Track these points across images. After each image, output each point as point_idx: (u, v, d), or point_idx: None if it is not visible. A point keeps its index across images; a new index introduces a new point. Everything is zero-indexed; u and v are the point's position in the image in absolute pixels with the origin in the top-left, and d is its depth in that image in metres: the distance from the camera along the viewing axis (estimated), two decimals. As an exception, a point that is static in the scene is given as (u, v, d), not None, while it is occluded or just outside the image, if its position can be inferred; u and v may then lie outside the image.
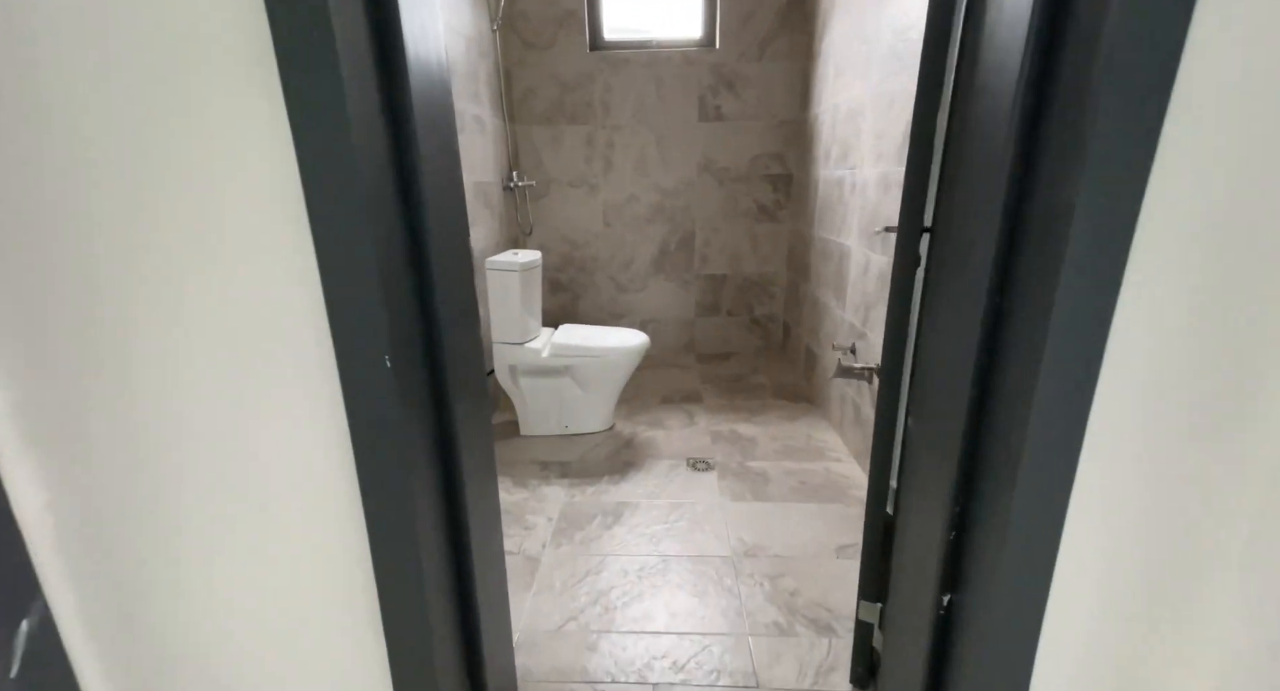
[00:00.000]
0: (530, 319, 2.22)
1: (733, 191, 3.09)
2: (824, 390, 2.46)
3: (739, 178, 3.07)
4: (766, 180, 3.07)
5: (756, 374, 3.01)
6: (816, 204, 2.58)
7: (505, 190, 2.73)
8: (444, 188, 0.82)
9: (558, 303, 3.32)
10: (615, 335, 2.28)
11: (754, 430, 2.32)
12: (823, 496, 1.81)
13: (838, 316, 2.26)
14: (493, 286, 2.11)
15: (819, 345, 2.53)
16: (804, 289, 2.79)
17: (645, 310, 3.32)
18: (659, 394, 2.76)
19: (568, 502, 1.82)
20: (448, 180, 0.85)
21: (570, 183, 3.10)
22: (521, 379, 2.25)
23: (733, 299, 3.29)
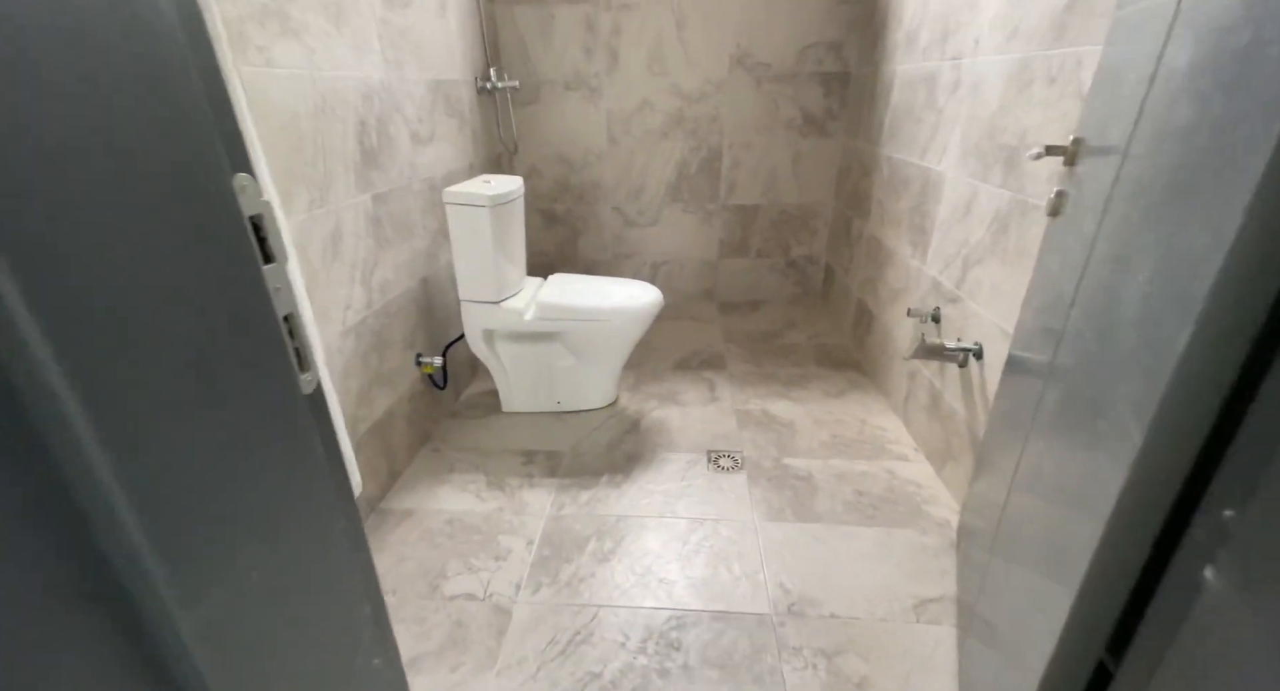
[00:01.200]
0: (508, 268, 1.71)
1: (772, 95, 2.43)
2: (880, 359, 1.96)
3: (781, 76, 2.39)
4: (817, 80, 2.39)
5: (792, 330, 2.51)
6: (888, 112, 1.94)
7: (480, 93, 2.12)
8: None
9: (552, 240, 2.78)
10: (620, 290, 1.77)
11: (792, 410, 1.86)
12: (889, 516, 1.38)
13: (912, 269, 1.71)
14: (455, 226, 1.58)
15: (877, 302, 2.00)
16: (859, 227, 2.21)
17: (658, 249, 2.77)
18: (673, 355, 2.29)
19: (554, 516, 1.40)
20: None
21: (566, 84, 2.45)
22: (500, 345, 1.78)
23: (764, 236, 2.72)
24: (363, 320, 1.37)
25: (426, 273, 1.71)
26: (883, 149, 1.98)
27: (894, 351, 1.84)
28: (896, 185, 1.85)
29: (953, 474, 1.44)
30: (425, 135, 1.68)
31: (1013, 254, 1.21)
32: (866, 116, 2.15)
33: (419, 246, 1.65)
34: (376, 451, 1.44)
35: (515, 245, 1.75)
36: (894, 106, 1.88)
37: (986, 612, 0.94)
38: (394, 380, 1.52)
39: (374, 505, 1.43)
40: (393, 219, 1.50)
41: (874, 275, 2.04)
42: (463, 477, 1.55)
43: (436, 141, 1.76)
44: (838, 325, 2.48)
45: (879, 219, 2.01)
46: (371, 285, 1.41)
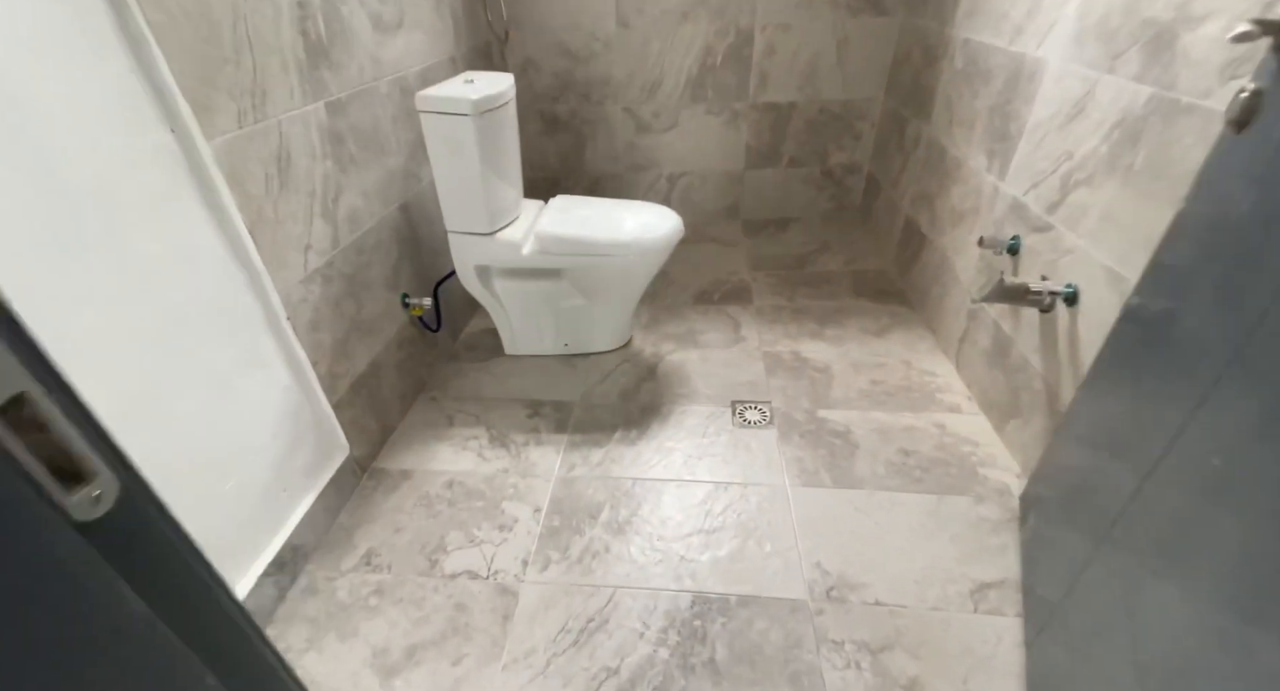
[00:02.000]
0: (502, 191, 1.44)
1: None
2: (931, 290, 1.72)
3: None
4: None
5: (826, 253, 2.23)
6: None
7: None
8: None
9: (554, 150, 2.44)
10: (633, 217, 1.51)
11: (826, 351, 1.66)
12: (939, 480, 1.22)
13: (985, 186, 1.42)
14: (434, 141, 1.30)
15: (933, 223, 1.72)
16: (916, 130, 1.86)
17: (675, 158, 2.43)
18: (692, 286, 2.05)
19: (563, 478, 1.27)
20: None
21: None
22: (497, 282, 1.56)
23: (799, 141, 2.35)
24: (329, 261, 1.15)
25: (406, 197, 1.46)
26: (957, 30, 1.59)
27: (948, 283, 1.59)
28: (973, 77, 1.49)
29: (1016, 433, 1.26)
30: (391, 20, 1.35)
31: (1142, 173, 0.93)
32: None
33: (394, 165, 1.39)
34: (364, 408, 1.29)
35: (509, 161, 1.47)
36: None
37: (1079, 614, 0.79)
38: (377, 327, 1.33)
39: (367, 465, 1.31)
40: (357, 133, 1.23)
41: (931, 190, 1.73)
42: (463, 432, 1.41)
43: (406, 29, 1.42)
44: (879, 247, 2.20)
45: (944, 120, 1.66)
46: (337, 218, 1.17)
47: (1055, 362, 1.13)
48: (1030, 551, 1.02)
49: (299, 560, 1.07)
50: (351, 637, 0.96)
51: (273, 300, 1.00)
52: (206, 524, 0.88)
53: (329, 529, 1.16)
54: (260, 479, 0.98)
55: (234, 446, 0.93)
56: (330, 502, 1.17)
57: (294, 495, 1.07)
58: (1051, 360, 1.14)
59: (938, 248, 1.69)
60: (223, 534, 0.92)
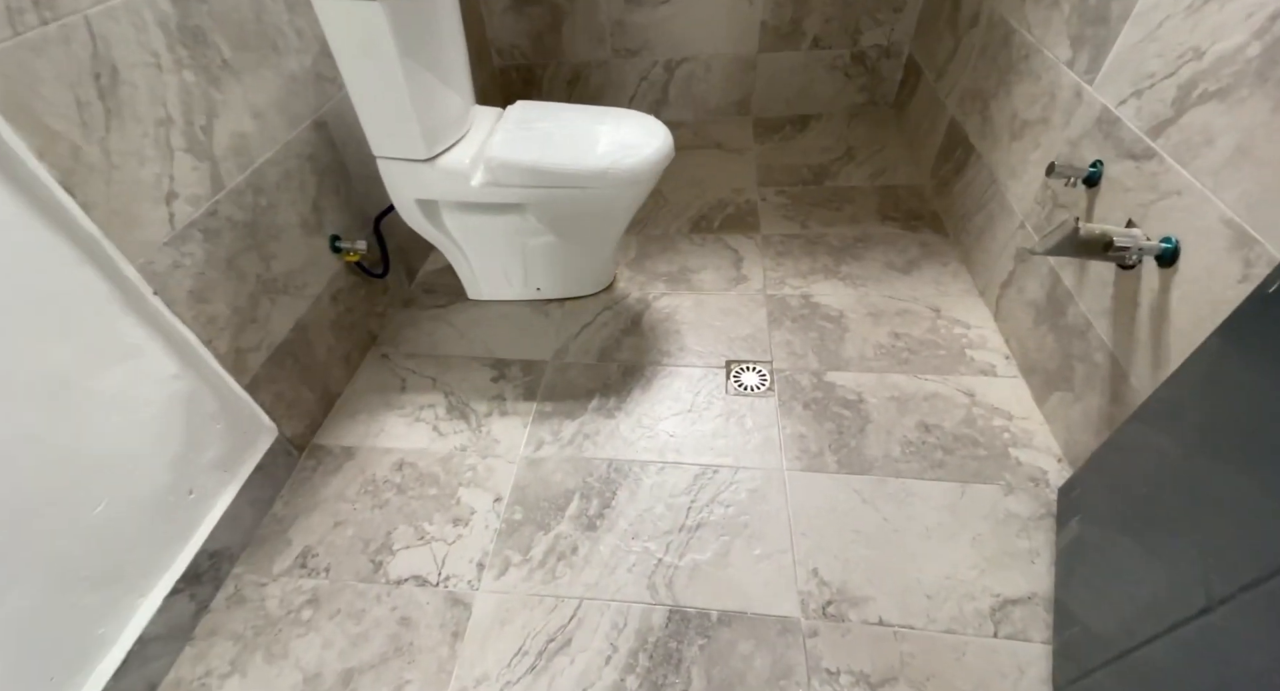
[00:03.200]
0: (442, 97, 1.13)
1: None
2: (974, 217, 1.42)
3: None
4: None
5: (850, 162, 1.89)
6: None
7: None
8: None
9: (523, 29, 2.00)
10: (610, 133, 1.20)
11: (841, 294, 1.41)
12: (963, 463, 1.05)
13: (1065, 86, 1.07)
14: (334, 34, 0.98)
15: (986, 130, 1.37)
16: (974, 4, 1.44)
17: (673, 40, 1.99)
18: (689, 208, 1.76)
19: (529, 459, 1.11)
20: None
21: None
22: (448, 218, 1.30)
23: (826, 14, 1.90)
24: (211, 210, 0.90)
25: (322, 110, 1.15)
26: None
27: (996, 211, 1.30)
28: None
29: (1062, 408, 1.06)
30: None
31: (1328, 86, 0.63)
32: None
33: (297, 68, 1.07)
34: (292, 379, 1.10)
35: (449, 57, 1.14)
36: None
37: (1139, 665, 0.65)
38: (299, 282, 1.11)
39: (305, 442, 1.16)
40: (228, 25, 0.91)
41: (987, 86, 1.37)
42: (418, 400, 1.24)
43: None
44: (914, 156, 1.84)
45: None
46: (214, 150, 0.90)
47: (1129, 333, 0.90)
48: (1069, 562, 0.87)
49: (222, 565, 0.95)
50: (281, 659, 0.86)
51: (125, 272, 0.77)
52: (80, 558, 0.74)
53: (260, 523, 1.03)
54: (150, 488, 0.83)
55: (97, 462, 0.76)
56: (259, 493, 1.03)
57: (205, 496, 0.92)
58: (1124, 329, 0.91)
59: (987, 164, 1.37)
60: (110, 561, 0.78)
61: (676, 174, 1.91)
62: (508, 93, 2.18)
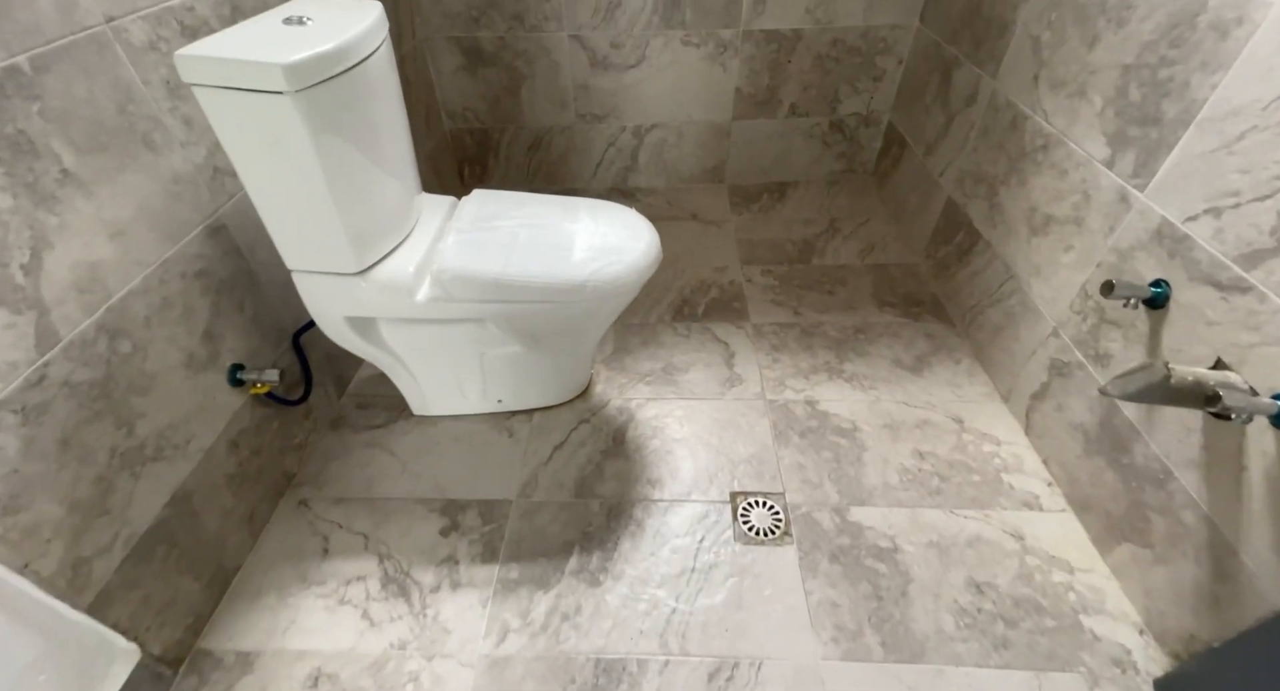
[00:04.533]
0: (378, 194, 0.91)
1: None
2: (982, 305, 1.29)
3: None
4: None
5: (835, 235, 1.76)
6: None
7: None
8: None
9: (479, 92, 1.82)
10: (586, 234, 1.00)
11: (850, 399, 1.24)
12: (1031, 640, 0.86)
13: (1104, 188, 0.95)
14: (229, 133, 0.75)
15: (997, 221, 1.25)
16: (969, 78, 1.34)
17: (642, 105, 1.85)
18: (669, 290, 1.57)
19: (491, 660, 0.86)
20: None
21: None
22: (386, 332, 1.06)
23: (804, 82, 1.80)
24: (34, 379, 0.64)
25: (220, 210, 0.91)
26: (1065, -72, 1.05)
27: (1017, 312, 1.17)
28: (1088, 11, 0.98)
29: (1135, 566, 0.89)
30: (128, -104, 0.74)
31: None
32: None
33: (182, 166, 0.83)
34: (166, 573, 0.82)
35: (388, 144, 0.92)
36: None
37: None
38: (178, 438, 0.84)
39: (186, 651, 0.87)
40: (74, 125, 0.67)
41: (995, 171, 1.25)
42: (343, 570, 0.97)
43: (173, -87, 0.81)
44: (903, 231, 1.73)
45: (1024, 73, 1.16)
46: (41, 296, 0.65)
47: (1233, 499, 0.74)
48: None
49: None
50: None
51: None
52: None
53: (111, 797, 0.74)
54: None
55: None
56: (111, 752, 0.74)
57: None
58: (1225, 492, 0.75)
59: (999, 255, 1.24)
60: None
61: (652, 249, 1.73)
62: (461, 158, 1.98)
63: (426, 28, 1.68)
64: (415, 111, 1.66)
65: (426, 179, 1.74)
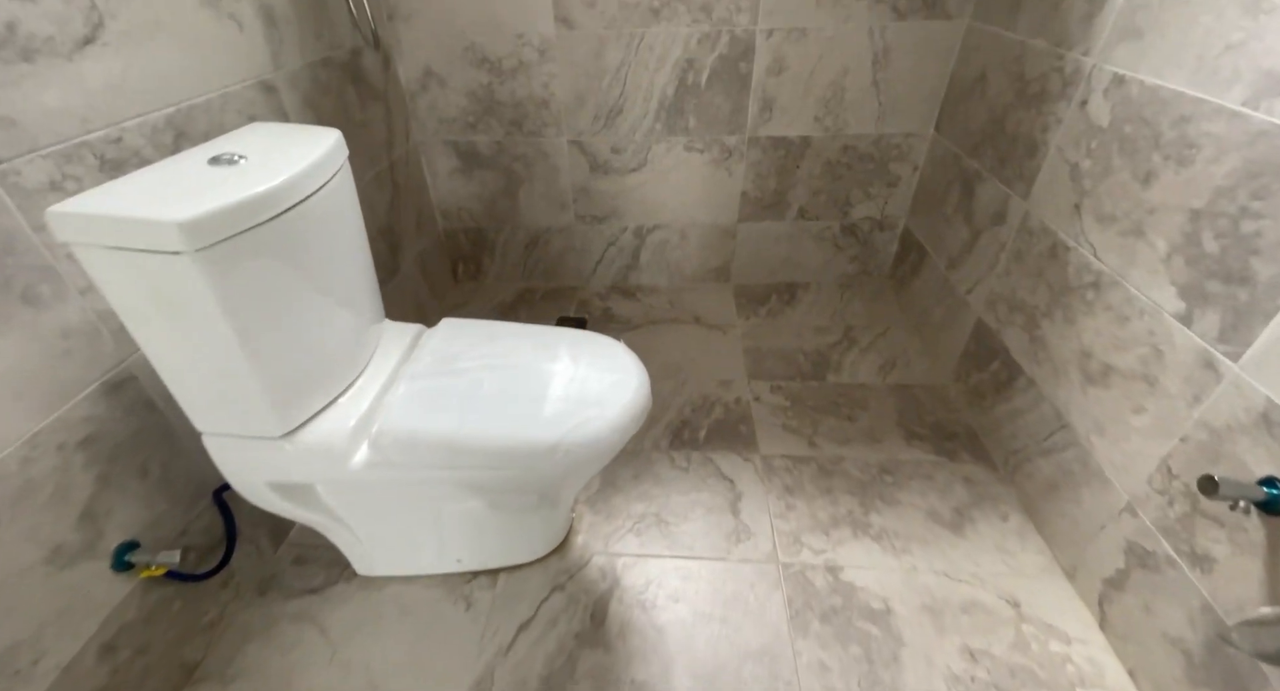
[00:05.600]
0: (317, 338, 0.77)
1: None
2: (1038, 464, 1.10)
3: (876, -104, 1.26)
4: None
5: (852, 346, 1.61)
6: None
7: (275, -78, 1.01)
8: None
9: (474, 193, 1.76)
10: (564, 374, 0.86)
11: (881, 567, 1.04)
12: None
13: (1179, 348, 0.79)
14: (115, 293, 0.63)
15: (1042, 358, 1.09)
16: (995, 195, 1.22)
17: (644, 207, 1.77)
18: (668, 408, 1.41)
19: None
20: None
21: (470, -91, 1.30)
22: (323, 492, 0.90)
23: (813, 187, 1.71)
24: None
25: (125, 361, 0.77)
26: (1096, 58, 0.96)
27: (1078, 472, 0.98)
28: (1138, 143, 0.87)
29: None
30: (48, 34, 0.66)
31: None
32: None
33: (75, 319, 0.70)
34: None
35: (333, 282, 0.79)
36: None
37: None
38: (22, 660, 0.66)
39: None
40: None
41: (1034, 301, 1.11)
42: (235, 814, 0.76)
43: (113, 47, 0.73)
44: (927, 345, 1.58)
45: (1062, 201, 1.03)
46: None
47: None
48: None
49: None
50: None
51: None
52: None
53: None
54: None
55: None
56: None
57: None
58: None
59: (1047, 398, 1.07)
60: None
61: (652, 356, 1.59)
62: (455, 256, 1.89)
63: (422, 132, 1.63)
64: (406, 214, 1.58)
65: (414, 279, 1.64)
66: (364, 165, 1.36)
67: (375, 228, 1.42)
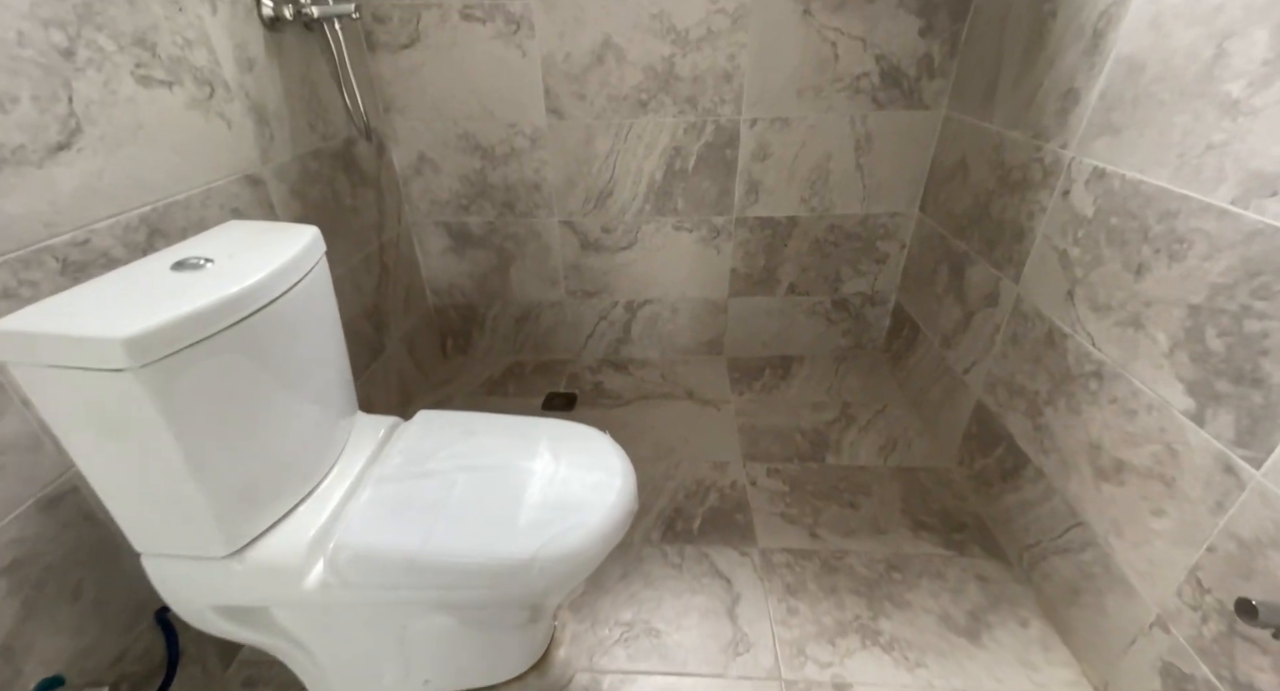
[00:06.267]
0: (274, 446, 0.72)
1: (828, 34, 1.38)
2: (1057, 565, 1.03)
3: (844, 1, 1.34)
4: (912, 6, 1.34)
5: (851, 424, 1.56)
6: (1097, 80, 0.92)
7: (276, 25, 1.05)
8: None
9: (467, 271, 1.76)
10: (543, 475, 0.80)
11: (894, 682, 0.94)
12: None
13: (1194, 448, 0.75)
14: (54, 413, 0.58)
15: (1048, 446, 1.04)
16: (985, 278, 1.22)
17: (634, 283, 1.77)
18: (660, 494, 1.34)
19: None
20: None
21: (465, 10, 1.37)
22: (276, 612, 0.82)
23: (801, 264, 1.72)
24: None
25: (65, 474, 0.72)
26: (1074, 151, 0.97)
27: (1099, 576, 0.91)
28: (1126, 235, 0.86)
29: None
30: (30, 130, 0.65)
31: None
32: (1017, 81, 1.12)
33: (8, 431, 0.66)
34: None
35: (300, 381, 0.75)
36: (1120, 68, 0.86)
37: None
38: None
39: None
40: None
41: (1035, 387, 1.07)
42: None
43: (91, 147, 0.72)
44: (927, 425, 1.52)
45: (1054, 287, 1.02)
46: None
47: None
48: None
49: None
50: None
51: None
52: None
53: None
54: None
55: None
56: None
57: None
58: None
59: (1059, 491, 1.01)
60: None
61: (644, 435, 1.53)
62: (444, 332, 1.87)
63: (414, 214, 1.65)
64: (394, 293, 1.57)
65: (400, 358, 1.61)
66: (352, 249, 1.35)
67: (361, 309, 1.40)
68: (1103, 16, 0.92)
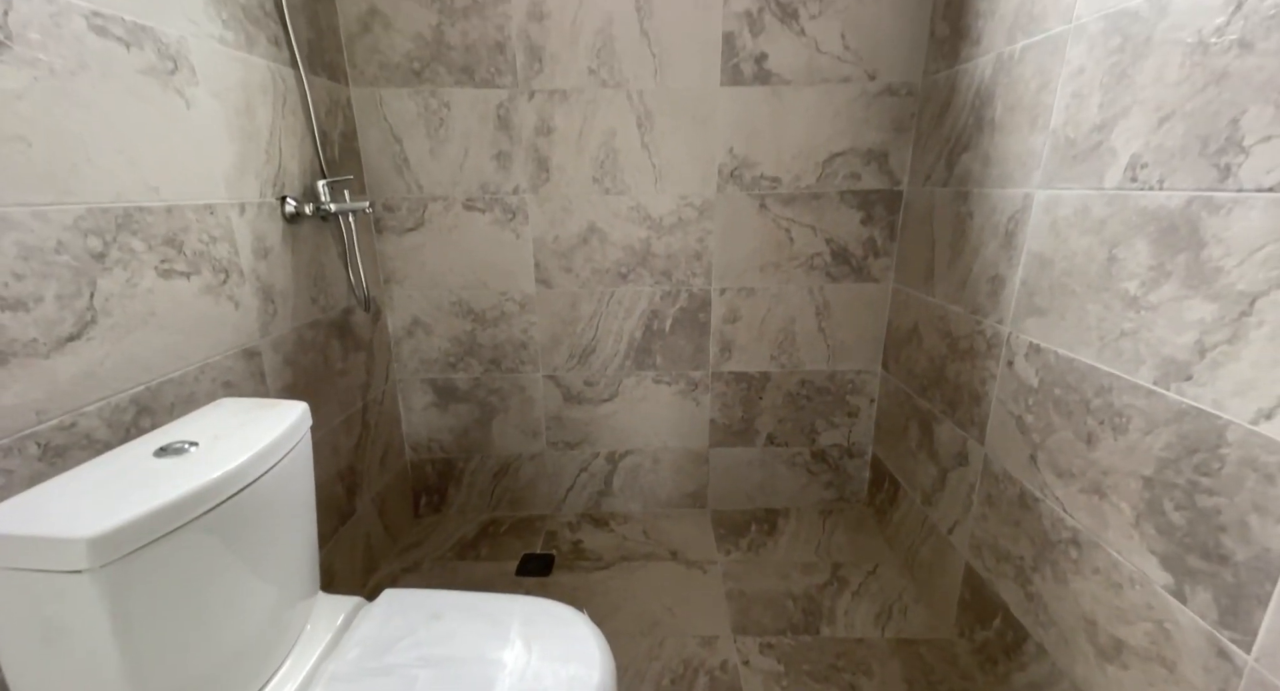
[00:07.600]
0: (203, 654, 0.66)
1: (782, 223, 1.58)
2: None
3: (795, 197, 1.56)
4: (852, 201, 1.57)
5: (845, 588, 1.47)
6: (1019, 269, 1.06)
7: (297, 219, 1.19)
8: None
9: (449, 425, 1.77)
10: (515, 661, 0.73)
11: None
12: None
13: (1185, 628, 0.73)
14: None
15: (1044, 619, 1.00)
16: (953, 437, 1.26)
17: (616, 434, 1.78)
18: (643, 679, 1.21)
19: None
20: None
21: (468, 201, 1.57)
22: None
23: (778, 416, 1.77)
24: None
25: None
26: (1010, 328, 1.09)
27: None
28: (1071, 408, 0.93)
29: None
30: (39, 325, 0.70)
31: None
32: (951, 264, 1.29)
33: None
34: None
35: (264, 562, 0.72)
36: (1034, 261, 1.01)
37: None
38: None
39: None
40: None
41: (1019, 551, 1.06)
42: None
43: (101, 336, 0.77)
44: (920, 590, 1.45)
45: (1017, 451, 1.06)
46: None
47: None
48: None
49: None
50: None
51: None
52: None
53: None
54: None
55: None
56: None
57: None
58: None
59: (1066, 674, 0.95)
60: None
61: (625, 606, 1.43)
62: (418, 488, 1.82)
63: (402, 372, 1.71)
64: (371, 452, 1.56)
65: (369, 521, 1.54)
66: (335, 411, 1.37)
67: (335, 471, 1.37)
68: (1011, 220, 1.09)
